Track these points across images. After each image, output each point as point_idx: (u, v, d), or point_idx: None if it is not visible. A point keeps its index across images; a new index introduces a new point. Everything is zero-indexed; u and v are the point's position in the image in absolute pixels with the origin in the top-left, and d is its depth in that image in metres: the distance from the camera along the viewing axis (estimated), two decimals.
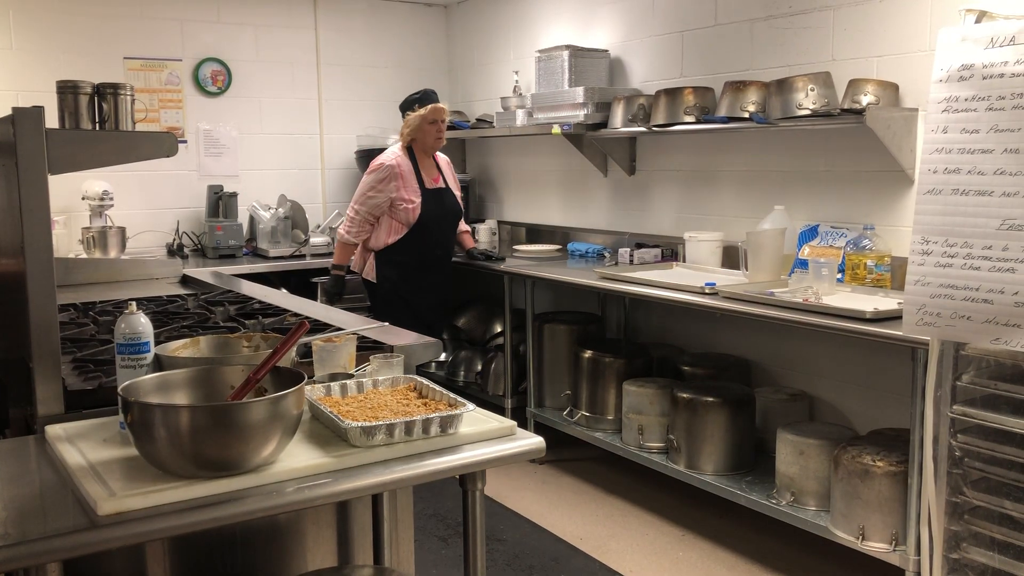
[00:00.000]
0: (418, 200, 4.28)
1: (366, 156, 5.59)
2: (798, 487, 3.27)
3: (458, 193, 4.56)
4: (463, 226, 4.74)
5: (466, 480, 1.72)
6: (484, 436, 1.71)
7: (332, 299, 4.45)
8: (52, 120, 1.92)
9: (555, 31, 5.19)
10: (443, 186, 4.42)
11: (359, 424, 1.61)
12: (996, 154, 2.44)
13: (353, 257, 4.50)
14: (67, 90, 2.20)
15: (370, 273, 4.44)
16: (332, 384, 1.85)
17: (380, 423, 1.62)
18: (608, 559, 3.43)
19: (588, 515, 3.84)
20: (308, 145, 5.73)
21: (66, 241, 4.82)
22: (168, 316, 2.78)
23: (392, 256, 4.34)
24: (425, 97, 4.34)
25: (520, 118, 4.97)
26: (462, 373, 5.16)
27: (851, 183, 3.65)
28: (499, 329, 5.28)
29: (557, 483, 4.21)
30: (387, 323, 2.62)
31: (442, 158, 4.55)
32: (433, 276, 4.43)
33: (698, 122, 3.95)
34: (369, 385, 1.88)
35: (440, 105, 4.34)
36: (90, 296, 3.24)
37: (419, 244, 4.34)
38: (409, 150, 4.35)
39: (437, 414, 1.67)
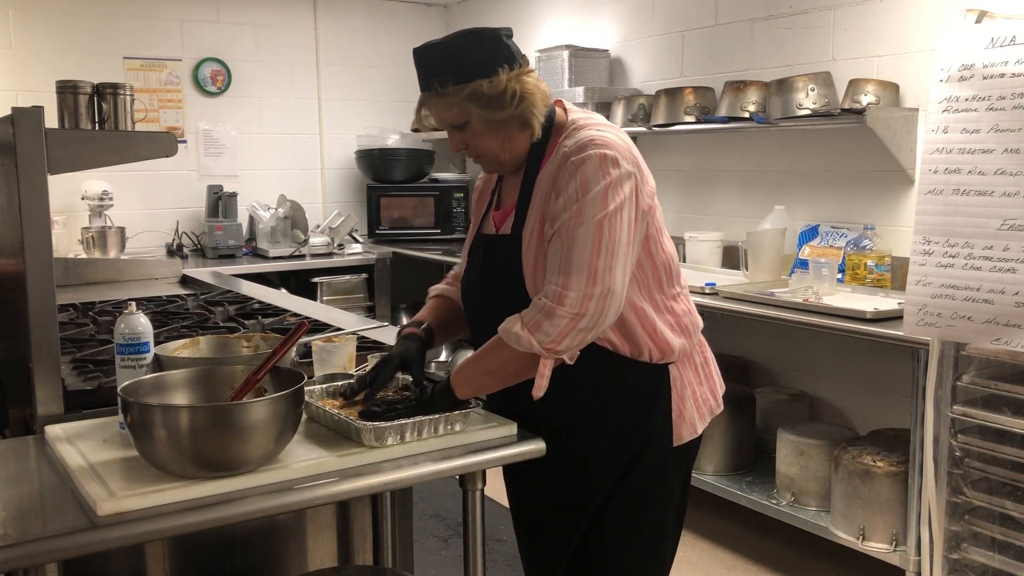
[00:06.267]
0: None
1: (366, 156, 5.59)
2: (798, 487, 3.27)
3: (530, 247, 1.77)
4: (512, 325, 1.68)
5: (466, 480, 1.72)
6: (485, 436, 1.71)
7: None
8: (52, 120, 1.92)
9: (555, 31, 5.18)
10: (507, 231, 1.83)
11: (372, 425, 1.60)
12: (996, 154, 2.44)
13: None
14: (67, 90, 2.20)
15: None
16: (328, 386, 1.84)
17: (391, 424, 1.61)
18: None
19: None
20: (308, 145, 5.72)
21: (66, 241, 4.81)
22: (168, 316, 2.78)
23: None
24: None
25: None
26: None
27: (851, 183, 3.65)
28: None
29: None
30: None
31: (553, 168, 1.75)
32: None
33: (698, 122, 3.95)
34: None
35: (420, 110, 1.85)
36: (90, 296, 3.24)
37: None
38: None
39: (440, 414, 1.67)
